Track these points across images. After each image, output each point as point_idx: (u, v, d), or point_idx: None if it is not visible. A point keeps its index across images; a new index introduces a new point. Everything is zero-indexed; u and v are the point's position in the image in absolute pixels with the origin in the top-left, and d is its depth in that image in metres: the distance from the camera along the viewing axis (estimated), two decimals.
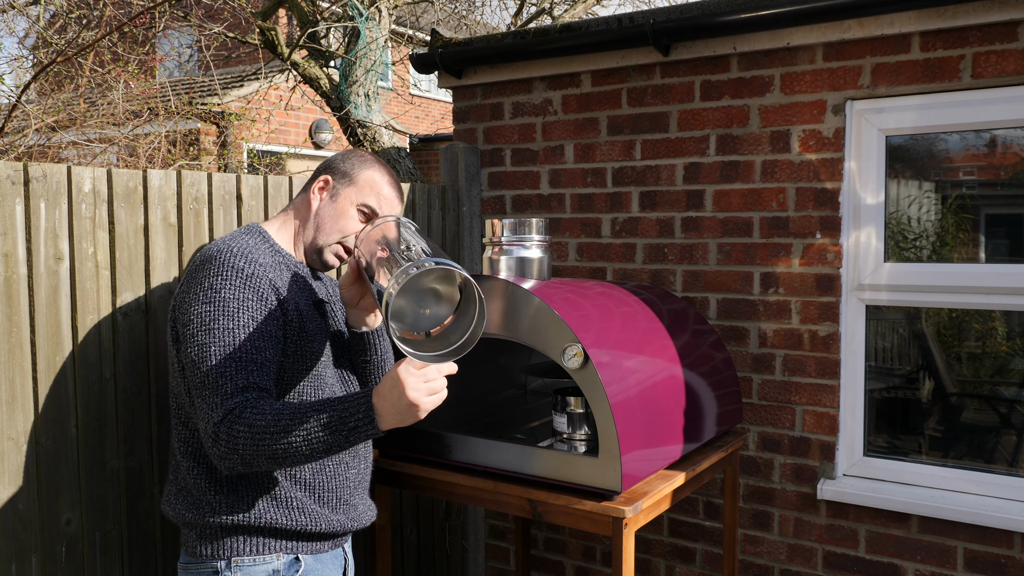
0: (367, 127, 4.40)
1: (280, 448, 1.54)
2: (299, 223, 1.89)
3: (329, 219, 1.86)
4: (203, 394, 1.61)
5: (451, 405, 2.57)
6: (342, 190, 1.87)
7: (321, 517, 1.78)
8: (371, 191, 1.88)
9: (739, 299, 2.87)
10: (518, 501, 2.11)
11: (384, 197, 1.88)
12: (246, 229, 1.84)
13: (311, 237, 1.87)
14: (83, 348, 2.00)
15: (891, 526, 2.67)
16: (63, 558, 1.98)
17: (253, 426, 1.54)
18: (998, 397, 2.74)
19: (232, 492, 1.73)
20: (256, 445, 1.54)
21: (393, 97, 12.88)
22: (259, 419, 1.55)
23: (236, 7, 6.10)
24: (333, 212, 1.86)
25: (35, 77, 4.60)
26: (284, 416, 1.55)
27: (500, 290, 2.12)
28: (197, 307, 1.66)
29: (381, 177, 1.90)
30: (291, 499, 1.75)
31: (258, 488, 1.73)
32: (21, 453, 1.89)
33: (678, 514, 3.06)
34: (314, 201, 1.87)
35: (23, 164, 1.88)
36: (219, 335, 1.62)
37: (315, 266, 1.90)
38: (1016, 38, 2.42)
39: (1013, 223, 2.61)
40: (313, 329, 1.80)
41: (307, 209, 1.88)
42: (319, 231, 1.86)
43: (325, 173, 1.89)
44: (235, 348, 1.62)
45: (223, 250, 1.71)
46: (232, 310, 1.65)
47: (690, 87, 2.91)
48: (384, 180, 1.90)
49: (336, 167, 1.90)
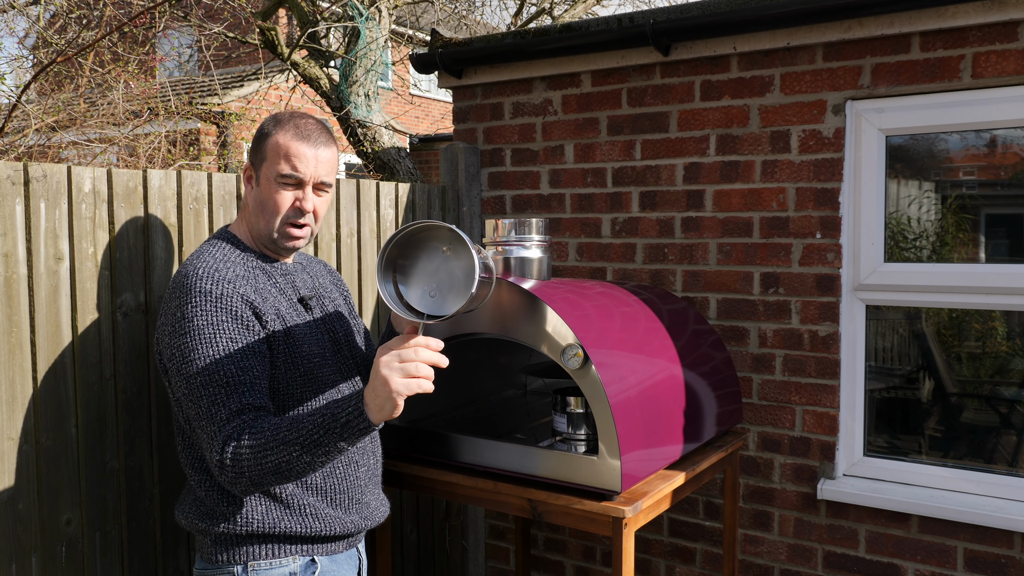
0: (367, 127, 4.40)
1: (284, 461, 1.53)
2: (248, 219, 1.83)
3: (261, 205, 1.77)
4: (201, 425, 1.61)
5: (451, 405, 2.57)
6: (259, 171, 1.78)
7: (335, 520, 1.78)
8: (279, 158, 1.74)
9: (739, 299, 2.86)
10: (518, 501, 2.11)
11: (296, 156, 1.73)
12: (216, 237, 1.80)
13: (259, 229, 1.80)
14: (83, 348, 2.00)
15: (891, 526, 2.67)
16: (63, 558, 1.98)
17: (253, 447, 1.53)
18: (998, 397, 2.74)
19: (245, 502, 1.72)
20: (260, 465, 1.53)
21: (393, 97, 12.88)
22: (257, 439, 1.54)
23: (236, 7, 6.10)
24: (261, 197, 1.77)
25: (35, 77, 4.60)
26: (281, 430, 1.54)
27: (500, 290, 2.12)
28: (175, 340, 1.64)
29: (284, 136, 1.74)
30: (304, 506, 1.74)
31: (270, 497, 1.73)
32: (21, 453, 1.89)
33: (678, 514, 3.06)
34: (247, 193, 1.82)
35: (23, 164, 1.88)
36: (200, 365, 1.60)
37: (280, 254, 1.85)
38: (1016, 38, 2.42)
39: (1013, 223, 2.61)
40: (300, 331, 1.77)
41: (247, 202, 1.82)
42: (260, 220, 1.79)
43: (248, 159, 1.82)
44: (220, 375, 1.60)
45: (189, 274, 1.67)
46: (208, 336, 1.62)
47: (690, 87, 2.91)
48: (288, 136, 1.74)
49: (253, 148, 1.80)
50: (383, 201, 2.94)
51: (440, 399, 2.52)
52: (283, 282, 1.82)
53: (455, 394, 2.59)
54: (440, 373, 2.50)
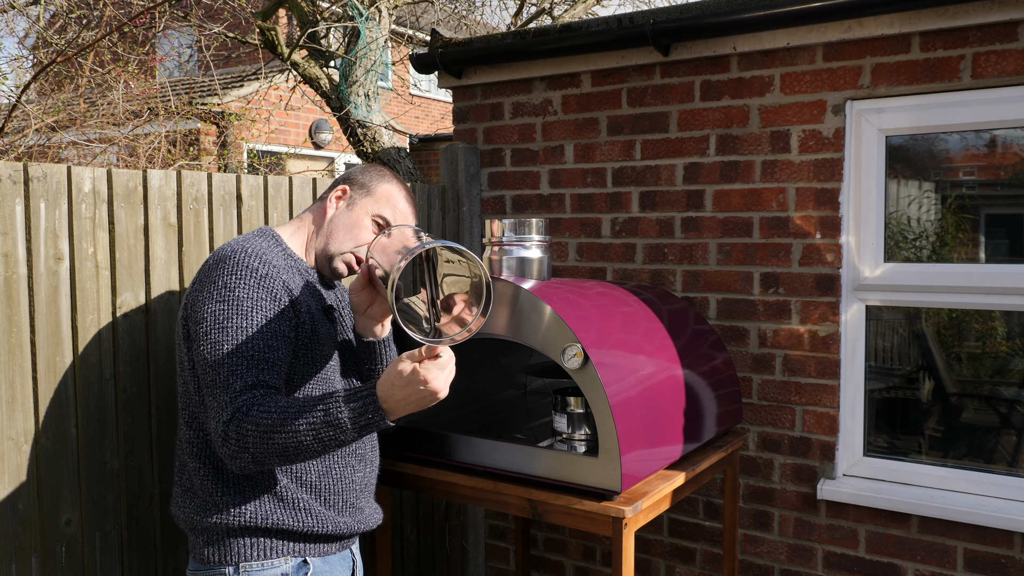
0: (367, 127, 4.40)
1: (291, 443, 1.55)
2: (313, 229, 1.91)
3: (343, 227, 1.88)
4: (213, 392, 1.62)
5: (451, 405, 2.57)
6: (359, 200, 1.90)
7: (327, 519, 1.79)
8: (388, 203, 1.91)
9: (739, 299, 2.86)
10: (518, 501, 2.11)
11: (399, 211, 1.92)
12: (259, 232, 1.85)
13: (323, 244, 1.89)
14: (83, 348, 2.00)
15: (891, 526, 2.67)
16: (63, 558, 1.98)
17: (260, 424, 1.55)
18: (998, 397, 2.74)
19: (238, 493, 1.73)
20: (265, 442, 1.55)
21: (393, 97, 12.88)
22: (266, 416, 1.56)
23: (236, 7, 6.10)
24: (348, 221, 1.88)
25: (35, 77, 4.60)
26: (291, 411, 1.56)
27: (500, 290, 2.12)
28: (211, 305, 1.67)
29: (399, 192, 1.93)
30: (297, 500, 1.76)
31: (264, 489, 1.74)
32: (21, 453, 1.89)
33: (678, 514, 3.06)
34: (330, 209, 1.90)
35: (23, 164, 1.88)
36: (231, 333, 1.64)
37: (324, 273, 1.91)
38: (1016, 38, 2.42)
39: (1013, 223, 2.61)
40: (323, 333, 1.81)
41: (322, 216, 1.91)
42: (332, 239, 1.88)
43: (344, 183, 1.92)
44: (246, 346, 1.63)
45: (237, 250, 1.72)
46: (245, 309, 1.66)
47: (690, 87, 2.91)
48: (401, 195, 1.93)
49: (355, 179, 1.93)
50: None
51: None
52: (316, 289, 1.87)
53: (455, 394, 2.59)
54: None
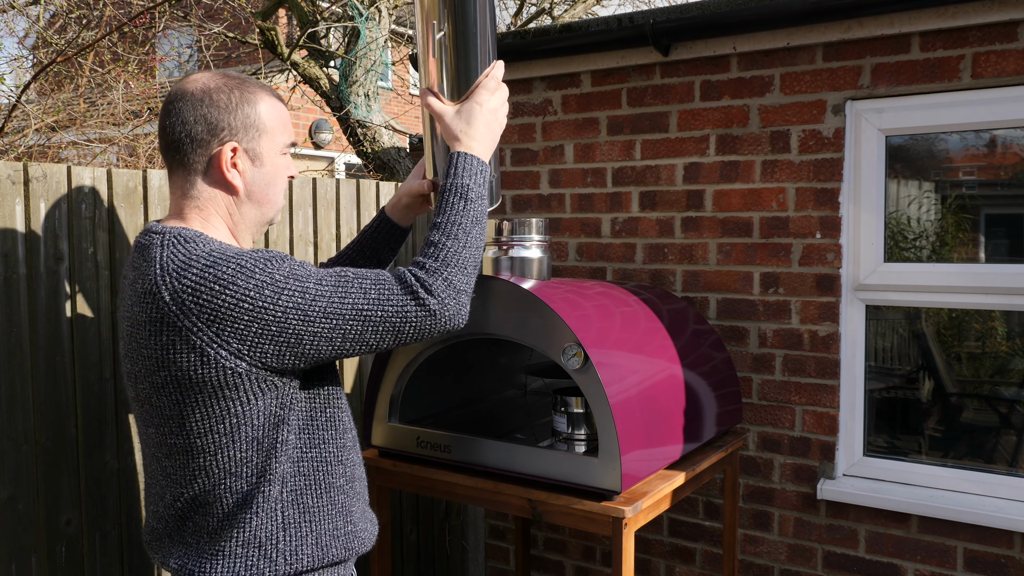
0: (367, 127, 4.40)
1: (471, 242, 1.53)
2: (227, 214, 1.52)
3: (267, 185, 1.54)
4: (378, 318, 1.42)
5: (451, 405, 2.57)
6: (260, 146, 1.52)
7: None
8: (283, 126, 1.55)
9: (739, 299, 2.87)
10: (518, 501, 2.11)
11: (288, 120, 1.58)
12: (189, 237, 1.43)
13: (256, 217, 1.55)
14: (83, 348, 2.00)
15: (891, 526, 2.67)
16: (63, 558, 1.97)
17: (434, 265, 1.48)
18: (998, 397, 2.74)
19: (297, 532, 1.49)
20: (458, 262, 1.50)
21: (393, 97, 12.87)
22: (432, 258, 1.48)
23: (236, 7, 6.10)
24: (266, 176, 1.54)
25: (35, 77, 4.60)
26: (444, 231, 1.51)
27: (500, 290, 2.12)
28: (286, 299, 1.36)
29: (269, 99, 1.55)
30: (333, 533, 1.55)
31: (317, 527, 1.52)
32: (21, 453, 1.89)
33: (678, 514, 3.06)
34: (235, 179, 1.50)
35: (23, 164, 1.88)
36: (326, 293, 1.40)
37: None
38: (1016, 38, 2.42)
39: (1013, 223, 2.61)
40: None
41: (228, 193, 1.51)
42: (264, 204, 1.55)
43: (221, 142, 1.48)
44: (359, 276, 1.45)
45: (220, 260, 1.38)
46: (304, 274, 1.40)
47: (690, 87, 2.91)
48: (272, 98, 1.55)
49: (226, 124, 1.48)
50: (383, 201, 2.94)
51: (440, 399, 2.52)
52: None
53: (455, 394, 2.60)
54: (440, 373, 2.50)
